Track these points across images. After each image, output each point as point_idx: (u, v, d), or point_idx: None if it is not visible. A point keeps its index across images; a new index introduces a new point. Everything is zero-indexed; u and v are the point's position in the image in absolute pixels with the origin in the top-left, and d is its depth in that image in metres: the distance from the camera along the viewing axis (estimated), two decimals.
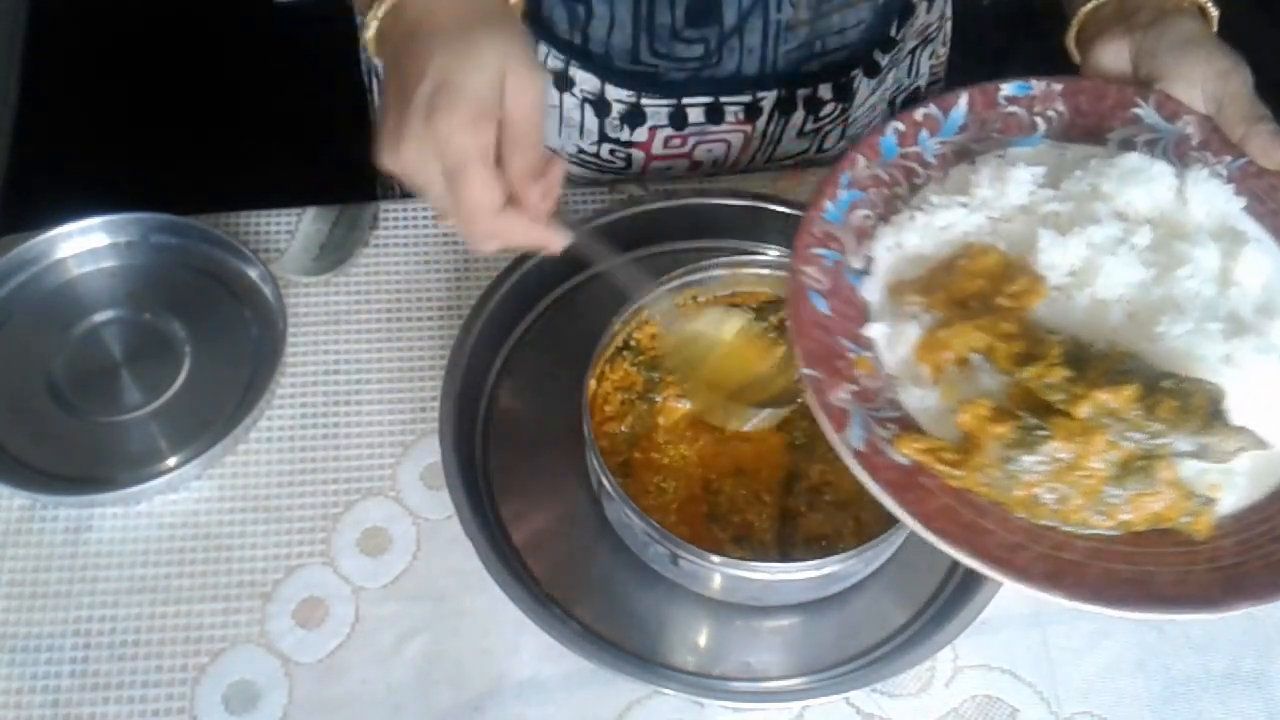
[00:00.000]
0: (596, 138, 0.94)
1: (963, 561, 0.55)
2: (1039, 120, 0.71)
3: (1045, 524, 0.57)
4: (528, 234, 0.64)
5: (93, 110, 1.87)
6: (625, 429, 0.77)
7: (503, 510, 0.79)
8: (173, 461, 0.79)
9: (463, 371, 0.80)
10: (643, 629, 0.75)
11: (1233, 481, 0.59)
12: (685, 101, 0.91)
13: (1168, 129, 0.70)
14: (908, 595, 0.77)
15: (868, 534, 0.72)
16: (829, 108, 0.95)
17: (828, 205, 0.66)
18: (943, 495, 0.58)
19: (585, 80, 0.90)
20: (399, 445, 0.82)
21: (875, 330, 0.63)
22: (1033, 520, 0.57)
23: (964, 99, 0.71)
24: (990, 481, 0.57)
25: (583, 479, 0.79)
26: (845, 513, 0.75)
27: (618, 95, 0.91)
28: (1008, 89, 0.71)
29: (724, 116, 0.93)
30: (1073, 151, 0.69)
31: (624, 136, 0.94)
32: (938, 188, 0.68)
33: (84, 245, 0.87)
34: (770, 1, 0.85)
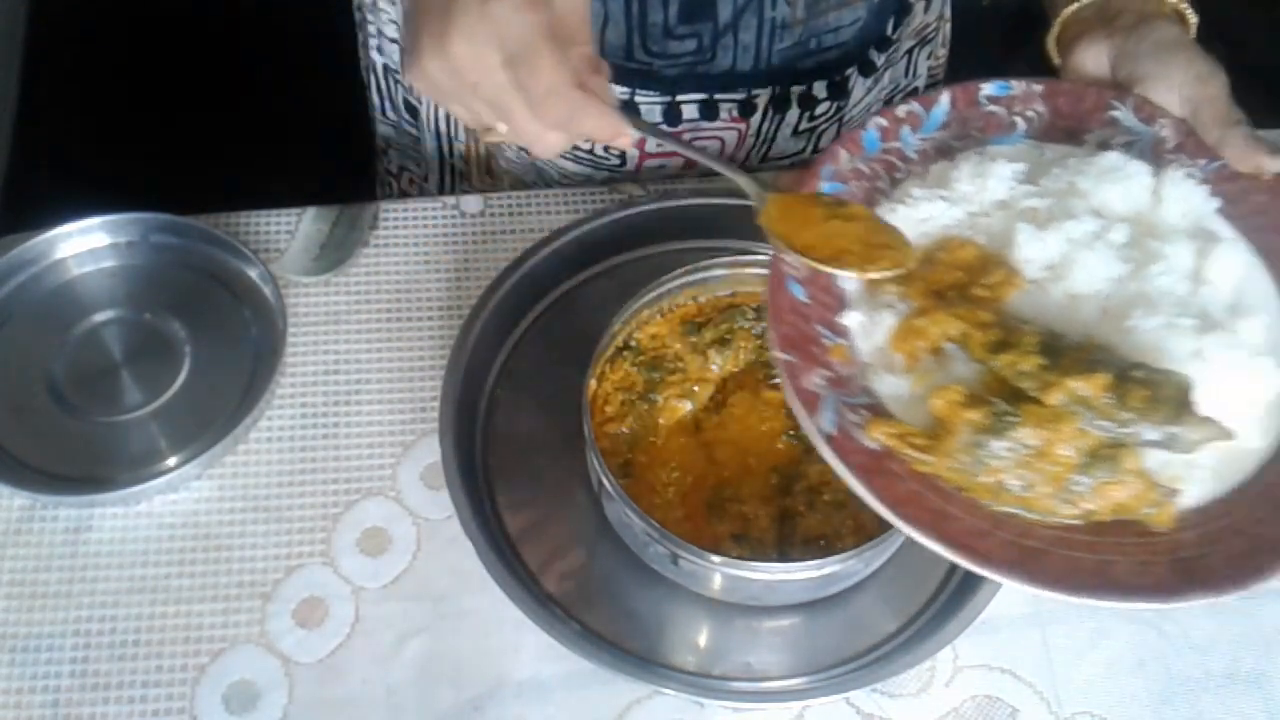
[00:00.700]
0: None
1: (928, 546, 0.56)
2: (1019, 120, 0.71)
3: (1009, 510, 0.58)
4: (600, 120, 0.61)
5: (93, 110, 1.87)
6: (626, 429, 0.77)
7: (503, 510, 0.79)
8: (173, 461, 0.79)
9: (463, 371, 0.80)
10: (643, 629, 0.75)
11: (1197, 475, 0.59)
12: (679, 98, 0.91)
13: (1144, 131, 0.70)
14: (908, 595, 0.77)
15: (867, 534, 0.72)
16: (824, 106, 0.95)
17: None
18: (911, 481, 0.58)
19: None
20: (399, 445, 0.82)
21: (851, 318, 0.64)
22: (997, 506, 0.58)
23: (946, 97, 0.71)
24: (958, 467, 0.57)
25: (583, 479, 0.79)
26: (844, 512, 0.75)
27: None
28: (988, 88, 0.72)
29: (718, 113, 0.93)
30: (1051, 150, 0.70)
31: None
32: (918, 182, 0.69)
33: (84, 245, 0.87)
34: None
